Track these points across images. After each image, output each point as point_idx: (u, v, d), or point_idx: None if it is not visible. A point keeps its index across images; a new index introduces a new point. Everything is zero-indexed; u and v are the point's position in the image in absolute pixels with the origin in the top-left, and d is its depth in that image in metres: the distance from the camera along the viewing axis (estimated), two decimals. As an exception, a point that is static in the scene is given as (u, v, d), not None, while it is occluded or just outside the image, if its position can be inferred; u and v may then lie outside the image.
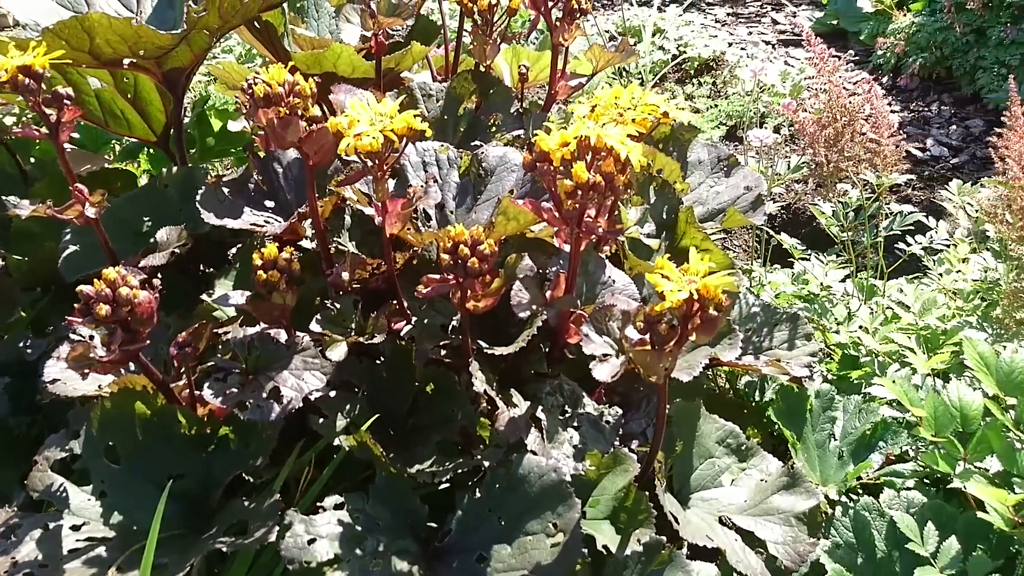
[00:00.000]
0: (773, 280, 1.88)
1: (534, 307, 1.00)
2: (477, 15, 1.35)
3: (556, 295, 1.02)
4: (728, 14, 4.62)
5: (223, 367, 1.01)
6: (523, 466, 0.97)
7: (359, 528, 0.95)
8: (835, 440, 1.40)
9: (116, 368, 0.95)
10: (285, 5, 1.54)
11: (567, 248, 1.00)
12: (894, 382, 1.29)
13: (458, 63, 1.70)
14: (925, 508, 1.20)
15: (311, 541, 0.92)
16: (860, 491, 1.34)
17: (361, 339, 1.05)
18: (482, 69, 1.44)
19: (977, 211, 1.88)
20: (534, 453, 0.99)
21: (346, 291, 1.11)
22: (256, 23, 1.57)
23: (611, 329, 0.98)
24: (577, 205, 0.94)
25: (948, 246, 1.75)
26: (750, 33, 4.34)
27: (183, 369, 1.03)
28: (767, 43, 4.15)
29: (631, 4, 4.21)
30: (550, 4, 1.42)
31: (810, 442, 1.39)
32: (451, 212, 1.20)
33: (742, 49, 3.99)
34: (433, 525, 1.04)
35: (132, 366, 0.99)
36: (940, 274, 1.71)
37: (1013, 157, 1.39)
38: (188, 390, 1.04)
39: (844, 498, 1.30)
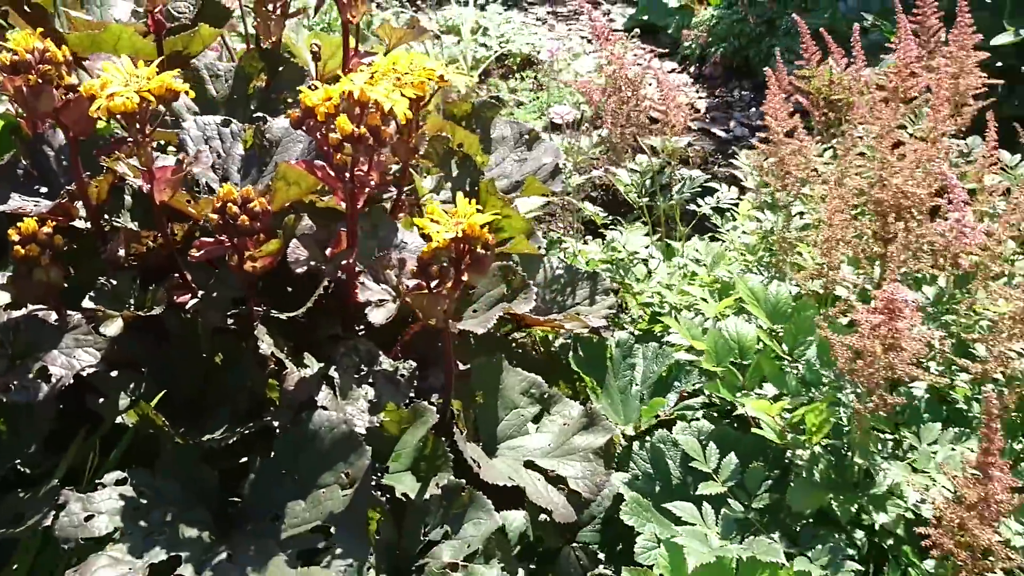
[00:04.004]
0: (583, 249, 1.97)
1: (312, 263, 1.01)
2: (257, -9, 1.34)
3: (336, 250, 1.03)
4: (548, 12, 4.79)
5: (-17, 352, 0.95)
6: (314, 422, 0.98)
7: (144, 501, 0.92)
8: (636, 385, 1.49)
9: None
10: (55, -13, 1.46)
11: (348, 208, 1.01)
12: (679, 322, 1.40)
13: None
14: (711, 433, 1.30)
15: (89, 518, 0.88)
16: (659, 428, 1.44)
17: (140, 313, 1.02)
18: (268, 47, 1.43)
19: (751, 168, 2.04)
20: (325, 409, 0.99)
21: (124, 268, 1.07)
22: (26, 7, 1.49)
23: (389, 277, 1.01)
24: (348, 159, 0.96)
25: (735, 205, 1.90)
26: (569, 30, 4.52)
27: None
28: (585, 39, 4.34)
29: (454, 3, 4.29)
30: (336, -19, 1.43)
31: (613, 388, 1.47)
32: (236, 185, 1.18)
33: (560, 44, 4.15)
34: (235, 500, 1.03)
35: None
36: (727, 230, 1.85)
37: (770, 114, 1.53)
38: (-53, 382, 0.98)
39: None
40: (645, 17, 4.42)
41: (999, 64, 2.20)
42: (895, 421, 1.25)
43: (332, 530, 0.93)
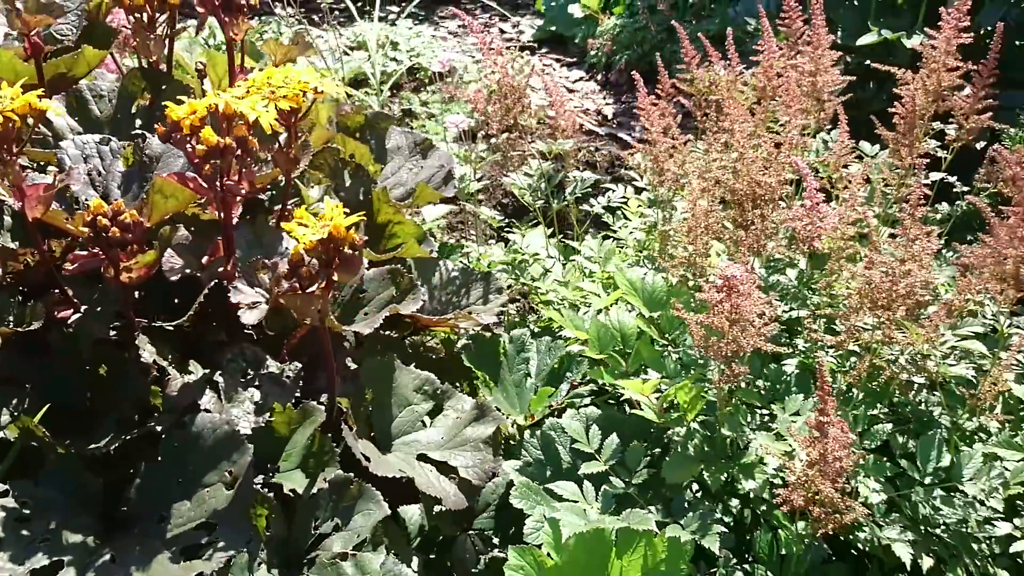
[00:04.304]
0: (485, 252, 2.04)
1: (187, 271, 1.05)
2: (135, 12, 1.37)
3: (213, 258, 1.07)
4: (459, 26, 4.87)
5: None
6: (196, 424, 1.01)
7: (27, 511, 0.94)
8: (531, 378, 1.55)
9: None
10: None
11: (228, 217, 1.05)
12: (562, 314, 1.47)
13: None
14: (599, 418, 1.37)
15: (-32, 531, 0.90)
16: (552, 417, 1.50)
17: (19, 329, 1.03)
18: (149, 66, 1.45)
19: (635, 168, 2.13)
20: (208, 411, 1.03)
21: (2, 286, 1.09)
22: (-99, 35, 1.48)
23: (262, 280, 1.05)
24: (220, 170, 1.00)
25: (624, 203, 1.99)
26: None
27: None
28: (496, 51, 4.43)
29: (360, 20, 4.32)
30: (217, 1, 1.46)
31: (508, 382, 1.53)
32: (116, 200, 1.20)
33: (471, 58, 4.23)
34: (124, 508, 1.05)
35: None
36: (619, 228, 1.94)
37: (643, 116, 1.62)
38: None
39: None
40: (553, 28, 4.54)
41: (867, 63, 2.35)
42: (770, 396, 1.34)
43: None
